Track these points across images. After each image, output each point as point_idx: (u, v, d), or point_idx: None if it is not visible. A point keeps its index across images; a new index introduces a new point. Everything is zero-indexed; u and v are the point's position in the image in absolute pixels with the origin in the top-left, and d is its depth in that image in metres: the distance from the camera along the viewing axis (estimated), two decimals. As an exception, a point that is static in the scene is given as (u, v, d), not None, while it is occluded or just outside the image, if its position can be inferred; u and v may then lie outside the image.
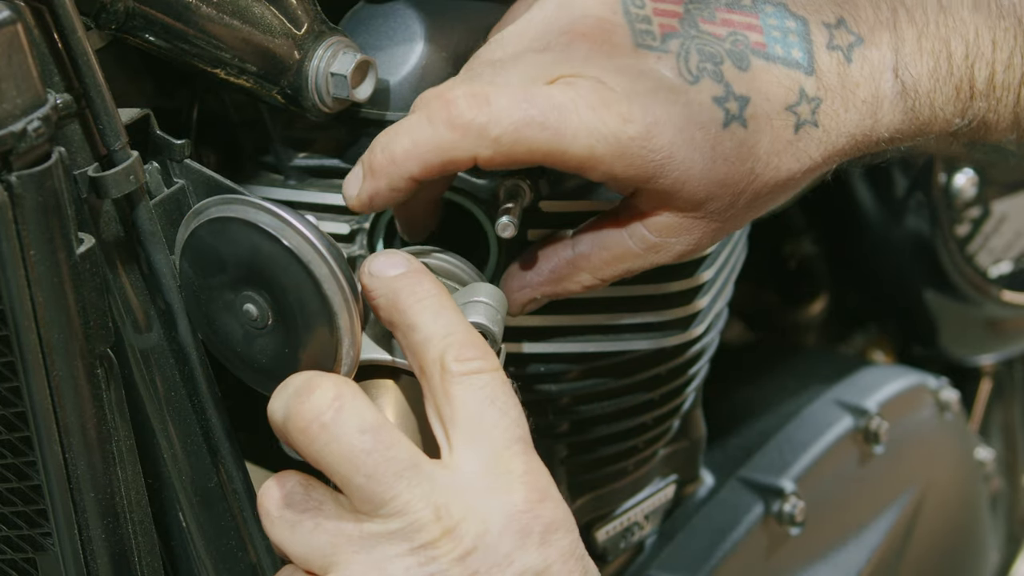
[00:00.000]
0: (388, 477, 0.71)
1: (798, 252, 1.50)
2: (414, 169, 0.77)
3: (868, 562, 1.18)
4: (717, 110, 0.78)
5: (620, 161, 0.77)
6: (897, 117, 0.82)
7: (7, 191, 0.65)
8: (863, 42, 0.81)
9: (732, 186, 0.80)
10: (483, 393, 0.73)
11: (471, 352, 0.74)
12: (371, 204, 0.79)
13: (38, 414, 0.70)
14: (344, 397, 0.71)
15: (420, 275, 0.76)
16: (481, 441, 0.72)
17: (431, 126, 0.76)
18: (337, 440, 0.71)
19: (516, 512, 0.72)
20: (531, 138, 0.76)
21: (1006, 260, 1.44)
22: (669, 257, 0.83)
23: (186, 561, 0.80)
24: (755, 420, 1.22)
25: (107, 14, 0.76)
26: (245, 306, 0.74)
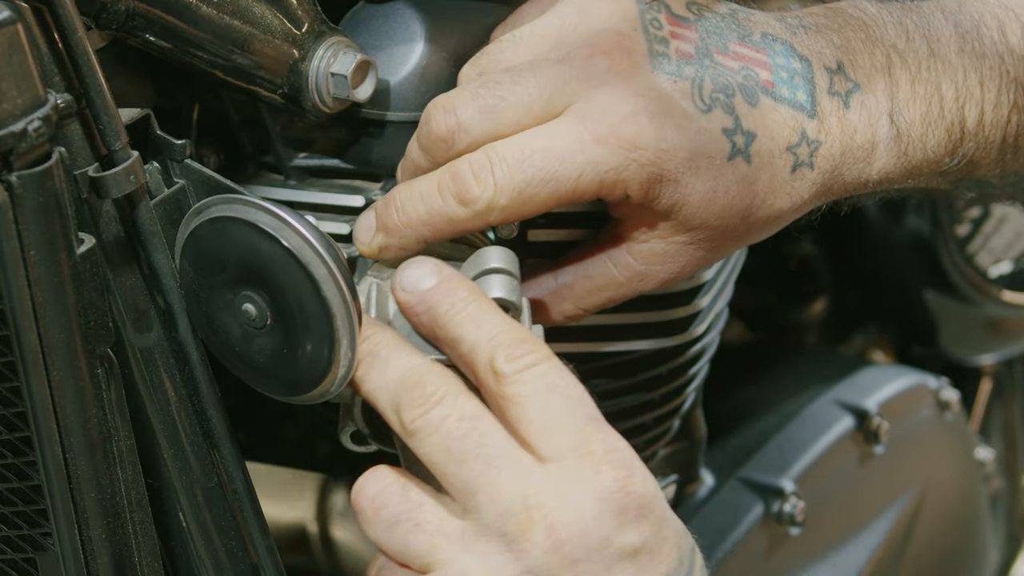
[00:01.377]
0: (477, 464, 0.71)
1: (798, 252, 1.50)
2: (427, 234, 0.80)
3: (868, 562, 1.18)
4: (725, 142, 0.80)
5: (633, 185, 0.79)
6: (890, 161, 0.84)
7: (7, 191, 0.65)
8: (860, 89, 0.83)
9: (726, 218, 0.81)
10: (542, 384, 0.73)
11: (519, 349, 0.74)
12: (381, 255, 0.82)
13: (38, 414, 0.70)
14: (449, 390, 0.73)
15: (453, 282, 0.76)
16: (555, 432, 0.72)
17: (442, 199, 0.79)
18: (437, 430, 0.72)
19: (608, 494, 0.72)
20: (536, 195, 0.78)
21: (1006, 260, 1.44)
22: (652, 285, 0.84)
23: (186, 561, 0.80)
24: (755, 420, 1.22)
25: (107, 14, 0.76)
26: (244, 306, 0.74)
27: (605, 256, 0.84)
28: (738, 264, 1.04)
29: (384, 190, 0.89)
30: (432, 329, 0.76)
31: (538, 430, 0.72)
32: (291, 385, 0.76)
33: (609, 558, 0.71)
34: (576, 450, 0.72)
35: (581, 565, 0.71)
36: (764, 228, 0.84)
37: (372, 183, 0.90)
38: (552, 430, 0.72)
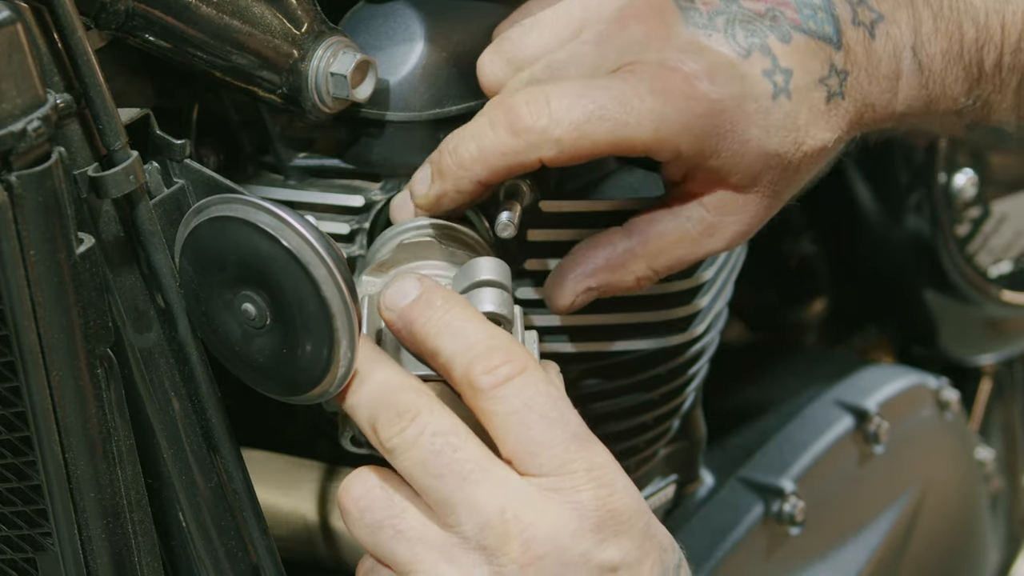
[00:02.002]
0: (454, 479, 0.71)
1: (798, 252, 1.50)
2: (481, 174, 0.80)
3: (868, 562, 1.18)
4: (767, 83, 0.81)
5: (686, 138, 0.79)
6: (912, 93, 0.85)
7: (7, 191, 0.65)
8: (884, 19, 0.84)
9: (782, 157, 0.82)
10: (519, 401, 0.72)
11: (496, 359, 0.73)
12: (439, 205, 0.82)
13: (38, 414, 0.70)
14: (421, 406, 0.73)
15: (430, 295, 0.76)
16: (535, 451, 0.72)
17: (494, 132, 0.79)
18: (412, 446, 0.72)
19: (588, 511, 0.71)
20: (593, 132, 0.78)
21: (1006, 260, 1.44)
22: (723, 241, 0.84)
23: (186, 561, 0.80)
24: (755, 420, 1.22)
25: (107, 14, 0.76)
26: (244, 305, 0.74)
27: (678, 210, 0.84)
28: (738, 264, 1.04)
29: (383, 189, 0.89)
30: (412, 345, 0.76)
31: (518, 448, 0.72)
32: (290, 385, 0.76)
33: (587, 573, 0.71)
34: (557, 468, 0.72)
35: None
36: (816, 162, 0.85)
37: (372, 183, 0.90)
38: (532, 449, 0.72)
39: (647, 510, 0.74)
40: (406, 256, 0.83)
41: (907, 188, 1.38)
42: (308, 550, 1.01)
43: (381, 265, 0.84)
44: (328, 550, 1.00)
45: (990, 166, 1.40)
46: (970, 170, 1.38)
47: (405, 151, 0.88)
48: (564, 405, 0.73)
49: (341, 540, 1.00)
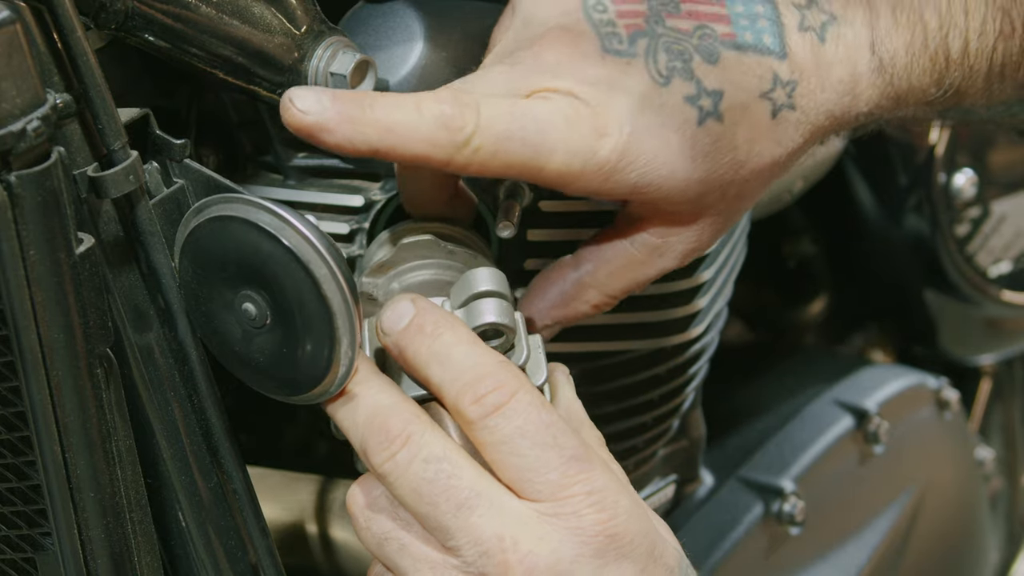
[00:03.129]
0: (449, 507, 0.71)
1: (798, 252, 1.50)
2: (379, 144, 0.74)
3: (868, 562, 1.18)
4: (691, 109, 0.77)
5: (598, 177, 0.76)
6: (876, 92, 0.82)
7: (7, 191, 0.65)
8: (836, 20, 0.80)
9: (717, 180, 0.79)
10: (510, 429, 0.72)
11: (483, 388, 0.72)
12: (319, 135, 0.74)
13: (38, 414, 0.70)
14: (413, 431, 0.72)
15: (421, 320, 0.75)
16: (532, 478, 0.71)
17: (419, 115, 0.74)
18: (404, 472, 0.72)
19: (588, 536, 0.71)
20: (510, 152, 0.75)
21: (1006, 260, 1.44)
22: (674, 259, 0.82)
23: (186, 561, 0.80)
24: (755, 420, 1.23)
25: (107, 14, 0.76)
26: (244, 305, 0.74)
27: (621, 237, 0.82)
28: (737, 264, 1.04)
29: (383, 190, 0.89)
30: (409, 370, 0.76)
31: (515, 477, 0.72)
32: (291, 385, 0.76)
33: None
34: (555, 494, 0.71)
35: None
36: (764, 179, 0.81)
37: (372, 183, 0.90)
38: (526, 476, 0.71)
39: (652, 530, 0.73)
40: (405, 256, 0.83)
41: (907, 188, 1.38)
42: (309, 563, 1.01)
43: (381, 266, 0.84)
44: (328, 563, 1.00)
45: (990, 166, 1.40)
46: (970, 170, 1.38)
47: (405, 151, 0.88)
48: (559, 428, 0.72)
49: (342, 552, 1.00)
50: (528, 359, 0.79)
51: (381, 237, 0.87)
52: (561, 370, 0.82)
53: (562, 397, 0.81)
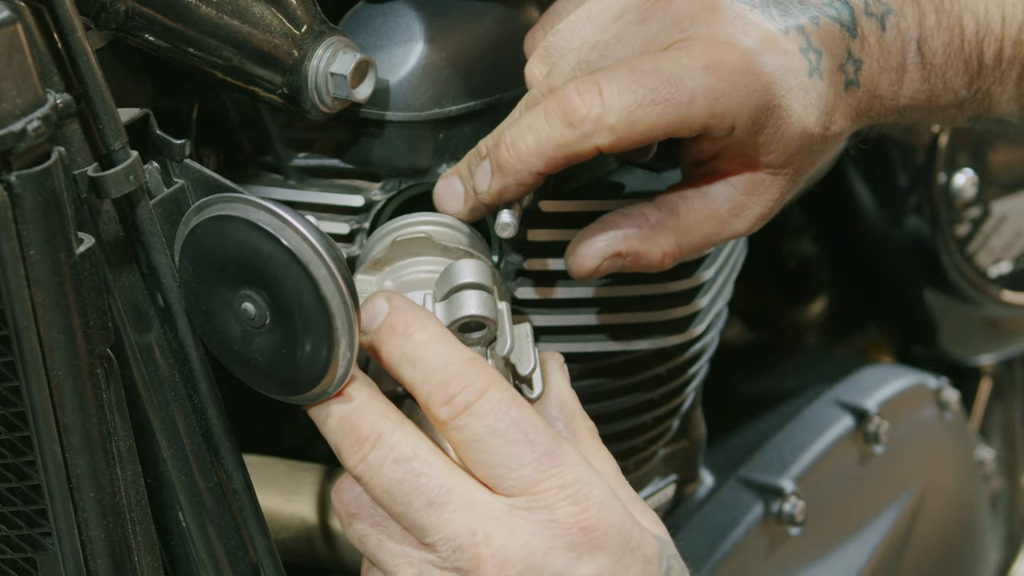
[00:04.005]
0: (421, 505, 0.72)
1: (798, 252, 1.50)
2: (539, 166, 0.79)
3: (868, 562, 1.18)
4: (803, 60, 0.81)
5: (742, 113, 0.79)
6: (914, 87, 0.85)
7: (7, 191, 0.65)
8: (892, 12, 0.83)
9: (813, 137, 0.82)
10: (481, 428, 0.72)
11: (452, 387, 0.72)
12: (501, 198, 0.82)
13: (38, 414, 0.70)
14: (383, 430, 0.73)
15: (393, 320, 0.75)
16: (504, 474, 0.72)
17: (548, 124, 0.78)
18: (376, 474, 0.72)
19: (560, 530, 0.71)
20: (646, 116, 0.77)
21: (1006, 260, 1.44)
22: (747, 223, 0.84)
23: (186, 561, 0.80)
24: (755, 420, 1.22)
25: (107, 14, 0.76)
26: (243, 305, 0.74)
27: (707, 189, 0.83)
28: (738, 264, 1.04)
29: (383, 190, 0.89)
30: (386, 369, 0.76)
31: (488, 474, 0.72)
32: (290, 384, 0.76)
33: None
34: (528, 489, 0.72)
35: None
36: (832, 147, 0.84)
37: (372, 183, 0.90)
38: (499, 473, 0.72)
39: (627, 522, 0.73)
40: (400, 254, 0.83)
41: (907, 188, 1.38)
42: (309, 552, 1.01)
43: (376, 263, 0.84)
44: (329, 552, 1.00)
45: (990, 166, 1.40)
46: (970, 170, 1.38)
47: (405, 151, 0.88)
48: (530, 424, 0.72)
49: (342, 542, 1.00)
50: (512, 349, 0.79)
51: (377, 234, 0.87)
52: (555, 359, 0.82)
53: (554, 385, 0.81)
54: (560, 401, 0.81)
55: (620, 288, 0.92)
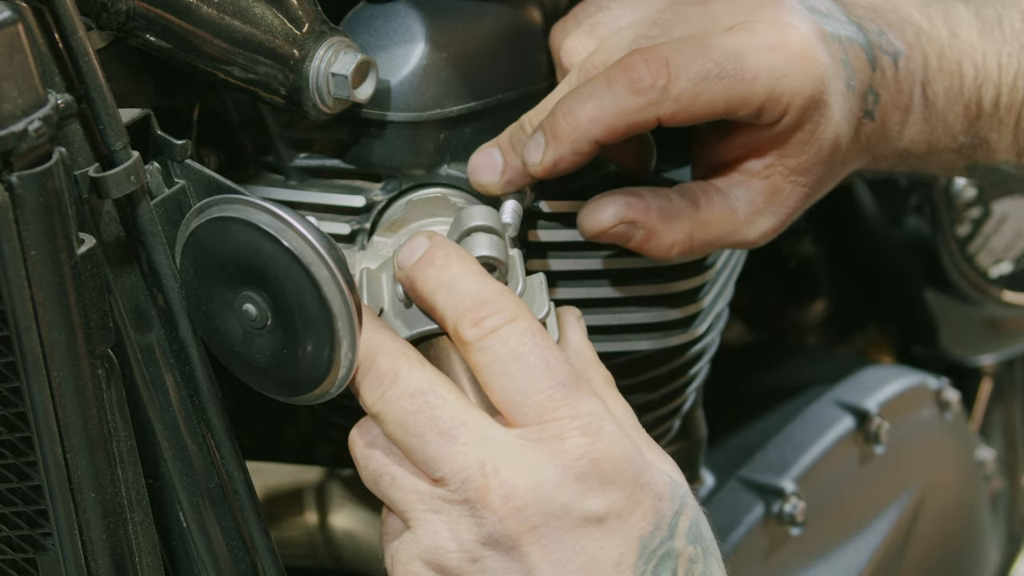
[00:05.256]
0: (433, 436, 0.72)
1: (798, 252, 1.50)
2: (598, 134, 0.79)
3: (868, 562, 1.18)
4: (844, 70, 0.82)
5: (798, 99, 0.79)
6: (917, 128, 0.86)
7: (8, 191, 0.65)
8: (902, 54, 0.85)
9: (840, 148, 0.82)
10: (505, 351, 0.73)
11: (483, 311, 0.74)
12: (555, 168, 0.81)
13: (39, 414, 0.70)
14: (400, 368, 0.73)
15: (433, 253, 0.76)
16: (520, 400, 0.73)
17: (612, 91, 0.78)
18: (393, 408, 0.73)
19: (570, 460, 0.72)
20: (710, 90, 0.78)
21: (1006, 260, 1.44)
22: (757, 234, 0.84)
23: (187, 561, 0.80)
24: (755, 420, 1.22)
25: (108, 14, 0.76)
26: (244, 306, 0.74)
27: (729, 190, 0.84)
28: (738, 264, 1.04)
29: (384, 190, 0.89)
30: (419, 302, 0.77)
31: (504, 399, 0.73)
32: (291, 385, 0.76)
33: (571, 524, 0.71)
34: (540, 417, 0.72)
35: (542, 530, 0.71)
36: (844, 169, 0.85)
37: (373, 183, 0.90)
38: (517, 398, 0.73)
39: (639, 457, 0.74)
40: (415, 214, 0.84)
41: (907, 189, 1.38)
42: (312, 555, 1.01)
43: (392, 225, 0.85)
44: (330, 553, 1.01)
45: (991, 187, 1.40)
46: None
47: (406, 151, 0.88)
48: (551, 353, 0.74)
49: (343, 544, 1.00)
50: (524, 292, 0.80)
51: (396, 204, 0.87)
52: (572, 312, 0.83)
53: (570, 336, 0.82)
54: (576, 351, 0.81)
55: (621, 288, 0.92)
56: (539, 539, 0.71)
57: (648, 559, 0.73)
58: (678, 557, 0.74)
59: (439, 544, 0.73)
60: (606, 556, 0.72)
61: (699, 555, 0.75)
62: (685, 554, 0.74)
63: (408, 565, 0.74)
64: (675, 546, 0.74)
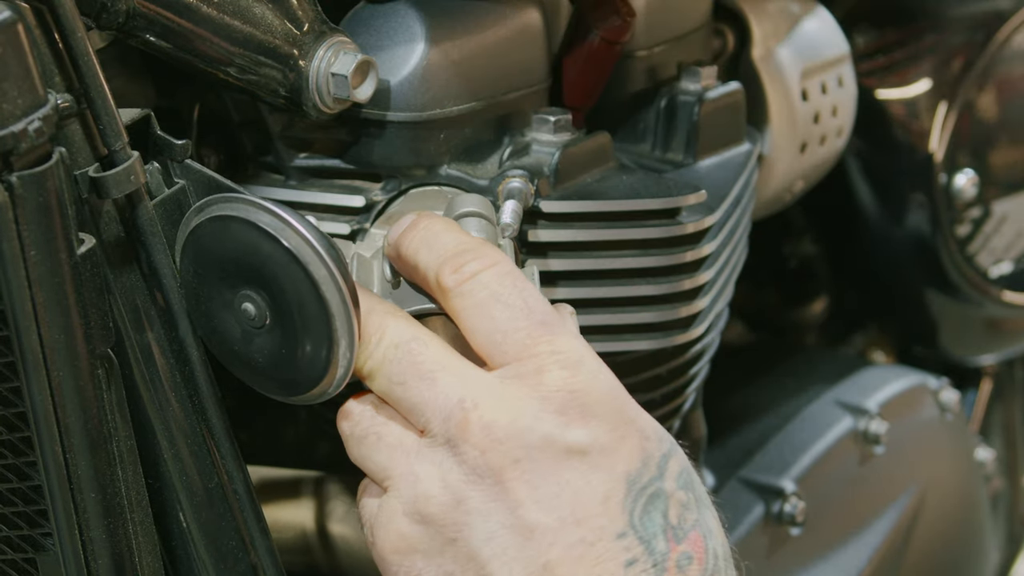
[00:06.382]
0: (415, 382, 0.72)
1: (798, 252, 1.50)
2: None
3: (868, 562, 1.18)
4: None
5: None
6: None
7: (8, 191, 0.65)
8: None
9: None
10: (486, 293, 0.73)
11: (463, 258, 0.74)
12: None
13: (39, 414, 0.70)
14: (387, 324, 0.74)
15: (417, 220, 0.77)
16: (500, 339, 0.72)
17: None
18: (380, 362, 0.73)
19: (549, 392, 0.71)
20: None
21: (1007, 260, 1.44)
22: None
23: (186, 561, 0.80)
24: (755, 420, 1.22)
25: (108, 14, 0.76)
26: (243, 305, 0.74)
27: None
28: (738, 264, 1.04)
29: (384, 190, 0.89)
30: (404, 271, 0.77)
31: (484, 339, 0.73)
32: (290, 385, 0.76)
33: (554, 456, 0.70)
34: (521, 353, 0.72)
35: (524, 464, 0.70)
36: None
37: (373, 183, 0.90)
38: (497, 338, 0.72)
39: (622, 394, 0.73)
40: (413, 206, 0.85)
41: (907, 188, 1.38)
42: (307, 560, 1.01)
43: (390, 217, 0.86)
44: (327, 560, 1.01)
45: (991, 166, 1.40)
46: (971, 170, 1.38)
47: (406, 151, 0.88)
48: (531, 295, 0.73)
49: (340, 550, 1.00)
50: None
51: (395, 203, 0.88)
52: (565, 308, 0.83)
53: None
54: None
55: (621, 288, 0.92)
56: (522, 473, 0.70)
57: (636, 497, 0.71)
58: (668, 499, 0.72)
59: (420, 491, 0.72)
60: (592, 491, 0.70)
61: (691, 502, 0.73)
62: (676, 497, 0.72)
63: (390, 525, 0.73)
64: (665, 487, 0.72)
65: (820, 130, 1.17)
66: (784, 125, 1.14)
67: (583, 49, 0.95)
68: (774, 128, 1.13)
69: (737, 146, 1.03)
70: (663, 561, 0.71)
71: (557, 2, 0.95)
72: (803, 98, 1.15)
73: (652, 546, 0.71)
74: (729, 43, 1.14)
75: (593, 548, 0.70)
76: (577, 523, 0.70)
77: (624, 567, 0.70)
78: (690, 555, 0.72)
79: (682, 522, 0.72)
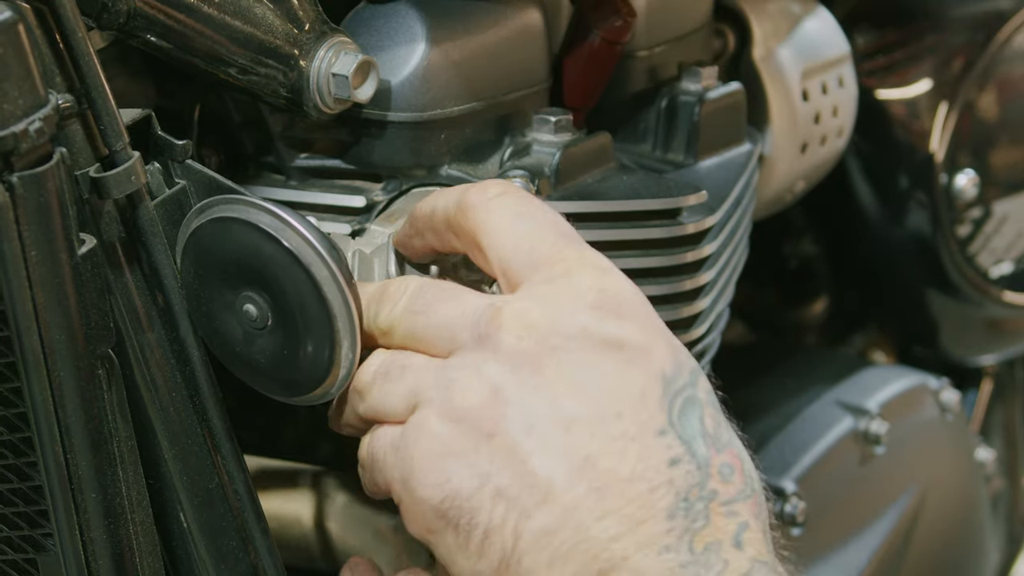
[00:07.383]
0: (440, 305, 0.71)
1: (799, 252, 1.50)
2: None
3: (869, 562, 1.18)
4: None
5: None
6: None
7: (8, 191, 0.65)
8: None
9: None
10: (509, 211, 0.73)
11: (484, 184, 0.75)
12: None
13: (39, 415, 0.70)
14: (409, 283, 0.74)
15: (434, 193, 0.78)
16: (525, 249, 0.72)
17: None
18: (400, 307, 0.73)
19: (582, 290, 0.70)
20: None
21: (1007, 261, 1.44)
22: None
23: (187, 561, 0.80)
24: (755, 420, 1.22)
25: (109, 14, 0.76)
26: (245, 306, 0.74)
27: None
28: (739, 265, 1.04)
29: (385, 190, 0.89)
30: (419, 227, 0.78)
31: (511, 251, 0.72)
32: (291, 386, 0.76)
33: (591, 346, 0.68)
34: (549, 258, 0.71)
35: (561, 353, 0.68)
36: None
37: (373, 183, 0.90)
38: (524, 245, 0.72)
39: (649, 308, 0.71)
40: (411, 205, 0.85)
41: (908, 189, 1.38)
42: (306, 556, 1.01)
43: (389, 216, 0.85)
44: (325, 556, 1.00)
45: (991, 166, 1.40)
46: (971, 170, 1.38)
47: (407, 151, 0.88)
48: (556, 216, 0.73)
49: (339, 547, 1.00)
50: None
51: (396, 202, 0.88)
52: None
53: None
54: None
55: (621, 289, 0.91)
56: (560, 363, 0.68)
57: (674, 397, 0.69)
58: (703, 407, 0.69)
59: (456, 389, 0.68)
60: (630, 385, 0.68)
61: (723, 422, 0.70)
62: (709, 409, 0.70)
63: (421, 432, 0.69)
64: (698, 395, 0.70)
65: (821, 130, 1.17)
66: (785, 125, 1.14)
67: (584, 49, 0.95)
68: (775, 128, 1.13)
69: (738, 146, 1.03)
70: (706, 466, 0.68)
71: (558, 2, 0.95)
72: (804, 98, 1.15)
73: (693, 448, 0.68)
74: (730, 43, 1.14)
75: (634, 443, 0.67)
76: (617, 416, 0.67)
77: (668, 465, 0.67)
78: (731, 466, 0.70)
79: (719, 434, 0.70)
